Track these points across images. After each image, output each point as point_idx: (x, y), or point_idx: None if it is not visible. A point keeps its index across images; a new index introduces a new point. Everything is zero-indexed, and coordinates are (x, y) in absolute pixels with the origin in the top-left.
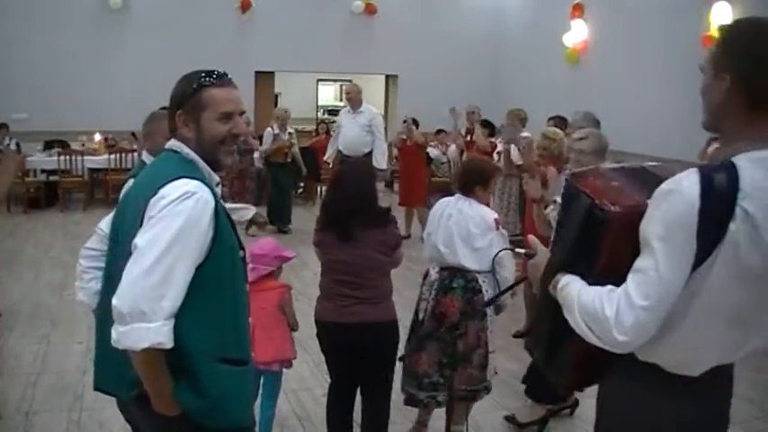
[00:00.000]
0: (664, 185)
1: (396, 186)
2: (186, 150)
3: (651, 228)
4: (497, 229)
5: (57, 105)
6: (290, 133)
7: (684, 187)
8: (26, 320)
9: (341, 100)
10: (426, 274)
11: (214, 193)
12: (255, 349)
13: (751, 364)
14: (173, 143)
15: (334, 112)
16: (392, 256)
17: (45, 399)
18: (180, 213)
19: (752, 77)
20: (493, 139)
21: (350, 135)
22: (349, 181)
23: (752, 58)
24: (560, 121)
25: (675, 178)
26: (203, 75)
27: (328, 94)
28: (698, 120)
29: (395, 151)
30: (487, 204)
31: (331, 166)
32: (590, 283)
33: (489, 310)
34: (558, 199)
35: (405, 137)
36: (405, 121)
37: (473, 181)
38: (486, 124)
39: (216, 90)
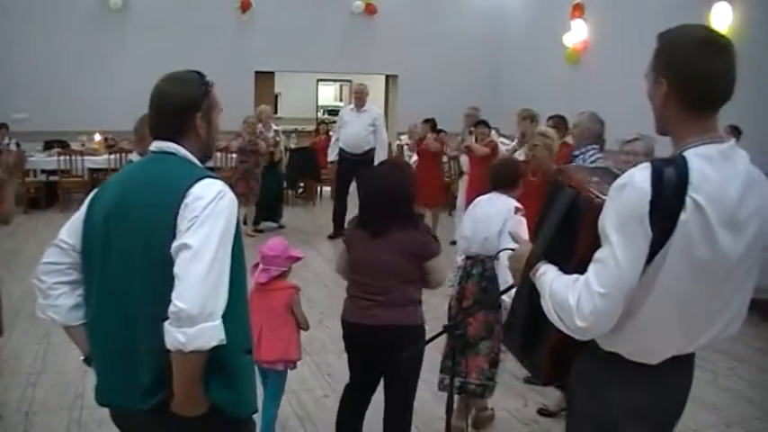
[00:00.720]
0: (618, 180)
1: None
2: (183, 152)
3: (608, 220)
4: (515, 213)
5: (57, 105)
6: (275, 131)
7: (637, 181)
8: (26, 320)
9: (341, 100)
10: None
11: None
12: (261, 348)
13: (753, 363)
14: (167, 145)
15: (334, 112)
16: (419, 266)
17: (45, 398)
18: (222, 212)
19: (683, 80)
20: (491, 139)
21: (353, 133)
22: (385, 177)
23: (680, 61)
24: (559, 121)
25: (629, 173)
26: (203, 76)
27: (328, 95)
28: None
29: (406, 152)
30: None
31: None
32: (566, 272)
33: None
34: None
35: (420, 138)
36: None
37: (503, 183)
38: (484, 125)
39: (213, 90)
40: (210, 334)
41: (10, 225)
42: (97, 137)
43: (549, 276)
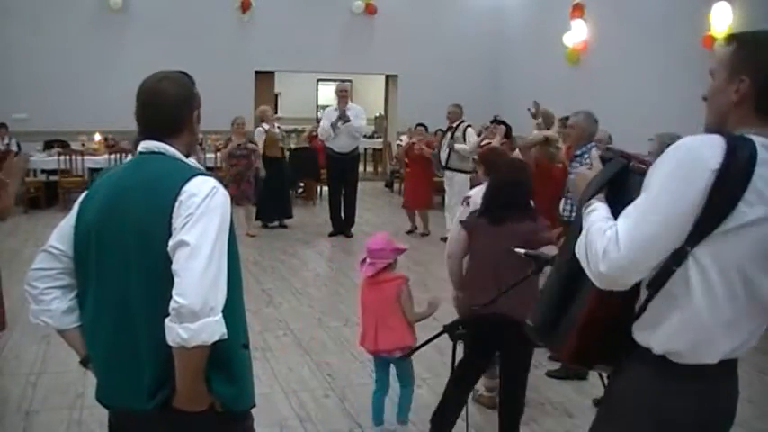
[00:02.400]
0: (681, 140)
1: (395, 186)
2: (172, 151)
3: (657, 171)
4: (461, 203)
5: (57, 105)
6: (278, 127)
7: (706, 145)
8: (26, 320)
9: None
10: None
11: None
12: (378, 339)
13: (753, 363)
14: (155, 145)
15: None
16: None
17: (45, 398)
18: (216, 208)
19: (764, 79)
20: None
21: (343, 133)
22: (510, 172)
23: (765, 60)
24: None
25: (698, 136)
26: (188, 75)
27: (328, 94)
28: (697, 119)
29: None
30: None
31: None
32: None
33: None
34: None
35: (414, 141)
36: (417, 126)
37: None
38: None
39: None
40: (213, 329)
41: (7, 223)
42: (97, 137)
43: (595, 215)
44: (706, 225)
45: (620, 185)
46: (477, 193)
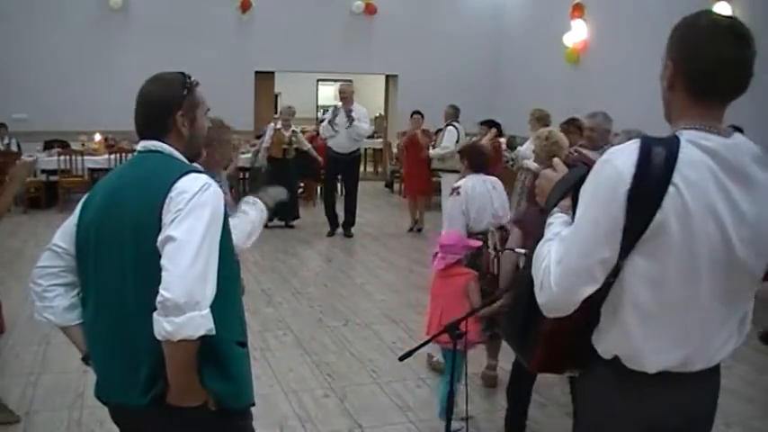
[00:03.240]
0: (604, 154)
1: (396, 186)
2: (169, 149)
3: (583, 193)
4: (451, 193)
5: (57, 105)
6: (293, 131)
7: (619, 162)
8: (26, 320)
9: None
10: (482, 242)
11: None
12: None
13: (753, 363)
14: (152, 144)
15: None
16: None
17: (45, 398)
18: (206, 204)
19: (690, 63)
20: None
21: (343, 135)
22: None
23: (690, 43)
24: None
25: (616, 147)
26: (187, 76)
27: (328, 94)
28: None
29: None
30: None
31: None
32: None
33: None
34: None
35: (415, 132)
36: (414, 114)
37: (482, 165)
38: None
39: (199, 89)
40: (198, 323)
41: (7, 223)
42: (97, 137)
43: (549, 230)
44: (629, 238)
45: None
46: (465, 183)
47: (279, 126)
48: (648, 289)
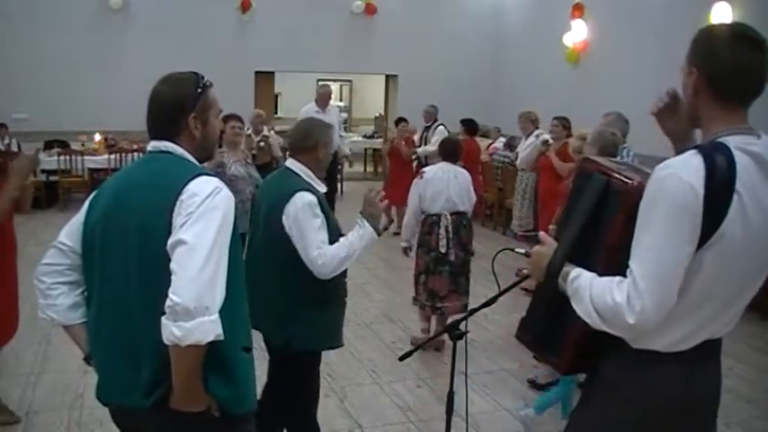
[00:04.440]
0: (664, 169)
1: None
2: (180, 151)
3: (653, 211)
4: (418, 176)
5: (57, 105)
6: (264, 136)
7: (687, 173)
8: (26, 320)
9: (341, 100)
10: (435, 222)
11: None
12: None
13: (753, 363)
14: (163, 144)
15: None
16: None
17: (45, 398)
18: (217, 207)
19: (713, 69)
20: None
21: None
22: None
23: (712, 51)
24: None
25: (673, 160)
26: (201, 77)
27: None
28: None
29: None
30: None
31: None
32: (595, 262)
33: None
34: None
35: (402, 138)
36: (398, 122)
37: (452, 154)
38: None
39: (212, 90)
40: (207, 328)
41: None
42: (97, 137)
43: (584, 280)
44: (703, 239)
45: (599, 207)
46: (429, 169)
47: (249, 131)
48: (703, 285)
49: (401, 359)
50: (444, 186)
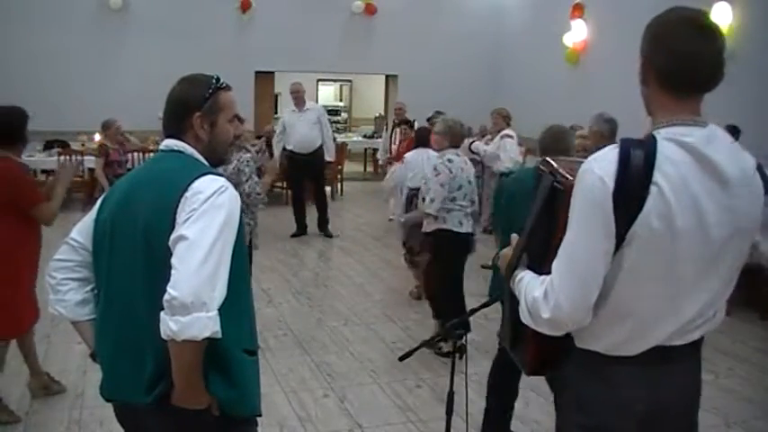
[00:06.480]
0: (584, 164)
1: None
2: (190, 150)
3: (571, 208)
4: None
5: (57, 105)
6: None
7: (599, 169)
8: None
9: (341, 100)
10: (414, 195)
11: None
12: None
13: (753, 363)
14: (174, 143)
15: (333, 111)
16: None
17: (45, 398)
18: (221, 206)
19: (660, 57)
20: None
21: (302, 133)
22: None
23: (660, 38)
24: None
25: (595, 155)
26: (215, 79)
27: (328, 94)
28: None
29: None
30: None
31: (278, 164)
32: (546, 256)
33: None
34: None
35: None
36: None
37: (427, 140)
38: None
39: (227, 94)
40: (203, 324)
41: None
42: (97, 137)
43: (525, 280)
44: (617, 239)
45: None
46: (409, 155)
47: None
48: (629, 284)
49: (401, 359)
50: (421, 167)
